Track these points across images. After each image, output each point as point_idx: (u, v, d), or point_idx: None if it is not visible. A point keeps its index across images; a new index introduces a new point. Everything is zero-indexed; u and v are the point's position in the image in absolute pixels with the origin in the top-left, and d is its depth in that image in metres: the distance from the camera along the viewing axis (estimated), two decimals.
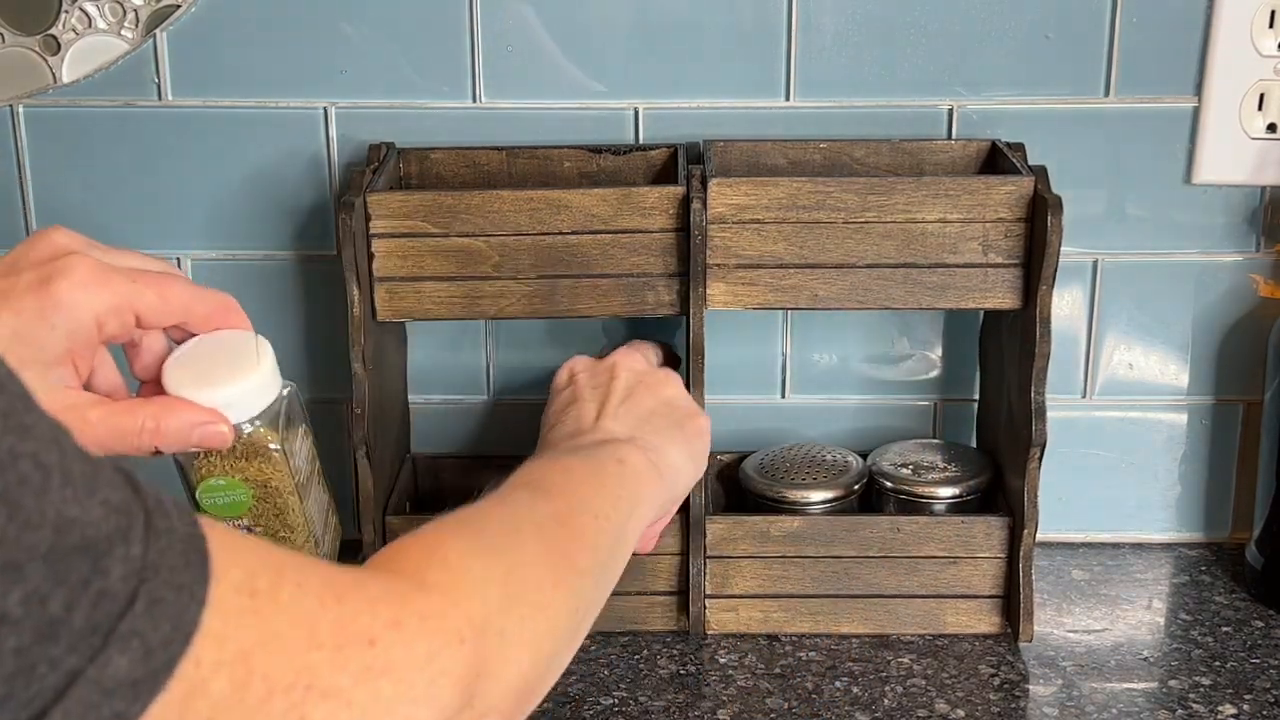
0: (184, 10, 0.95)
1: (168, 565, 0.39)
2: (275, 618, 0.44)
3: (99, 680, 0.37)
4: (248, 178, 0.98)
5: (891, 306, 0.89)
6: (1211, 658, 0.91)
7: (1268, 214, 0.98)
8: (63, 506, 0.36)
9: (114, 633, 0.37)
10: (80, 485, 0.37)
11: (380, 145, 0.95)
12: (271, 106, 0.97)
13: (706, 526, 0.92)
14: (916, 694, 0.87)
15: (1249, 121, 0.96)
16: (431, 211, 0.87)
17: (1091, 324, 1.01)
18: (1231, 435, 1.03)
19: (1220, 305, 1.00)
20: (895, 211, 0.87)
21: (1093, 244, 0.99)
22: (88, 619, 0.36)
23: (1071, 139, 0.97)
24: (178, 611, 0.39)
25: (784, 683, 0.89)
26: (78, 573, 0.36)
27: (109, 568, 0.37)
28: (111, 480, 0.39)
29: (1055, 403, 0.98)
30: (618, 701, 0.87)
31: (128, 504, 0.39)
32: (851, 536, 0.92)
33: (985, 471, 0.96)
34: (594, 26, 0.96)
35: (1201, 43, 0.95)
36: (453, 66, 0.96)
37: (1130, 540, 1.05)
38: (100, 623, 0.37)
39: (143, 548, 0.38)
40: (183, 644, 0.40)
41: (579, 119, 0.97)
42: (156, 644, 0.39)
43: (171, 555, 0.40)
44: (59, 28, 0.95)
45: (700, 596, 0.93)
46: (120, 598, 0.37)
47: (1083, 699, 0.87)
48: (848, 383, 1.03)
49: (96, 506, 0.37)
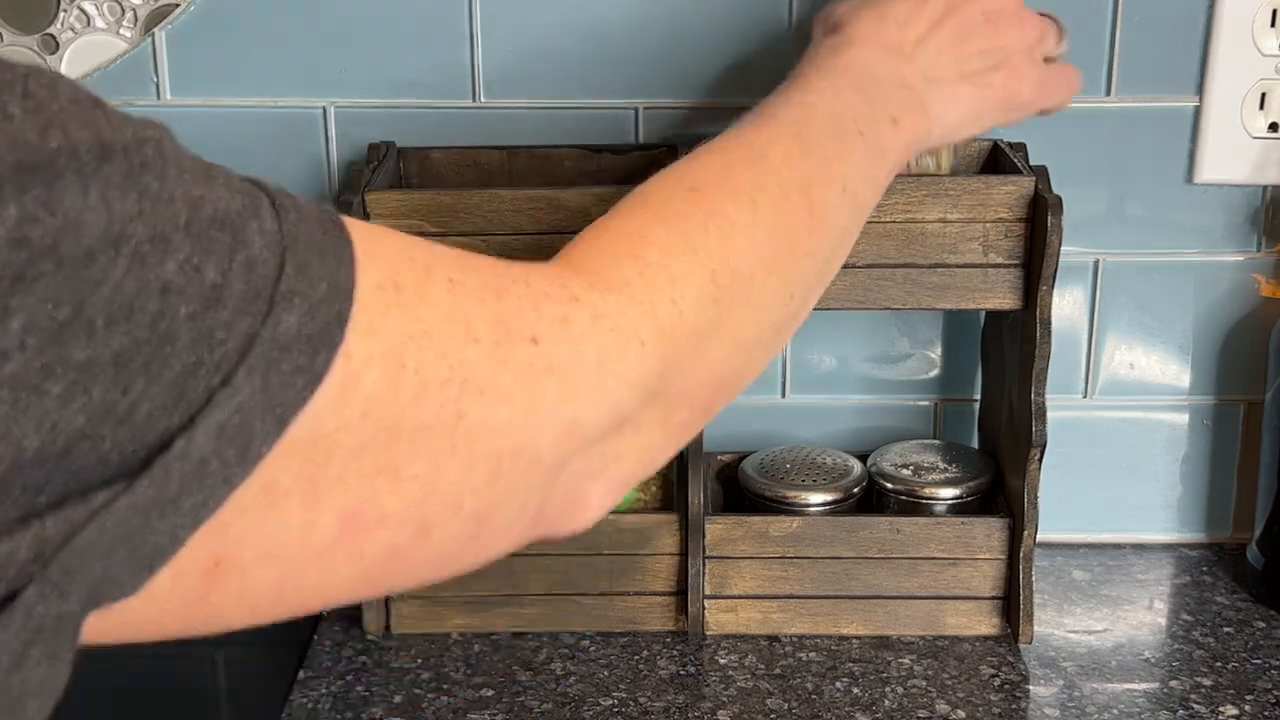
0: (183, 9, 0.95)
1: (305, 235, 0.40)
2: (425, 313, 0.43)
3: (274, 338, 0.38)
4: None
5: (891, 306, 0.89)
6: (1213, 658, 0.91)
7: (1269, 213, 0.98)
8: (186, 187, 0.36)
9: (275, 295, 0.38)
10: (195, 174, 0.37)
11: (380, 145, 0.95)
12: (271, 106, 0.97)
13: (706, 527, 0.91)
14: (917, 695, 0.87)
15: (1250, 121, 0.96)
16: (431, 211, 0.86)
17: (1092, 324, 1.01)
18: (1233, 435, 1.03)
19: (1221, 305, 1.00)
20: (895, 211, 0.86)
21: (1093, 244, 0.99)
22: (246, 284, 0.37)
23: (1072, 139, 0.96)
24: (330, 272, 0.40)
25: (784, 683, 0.89)
26: (220, 242, 0.37)
27: (249, 239, 0.38)
28: (225, 171, 0.39)
29: (1056, 403, 0.98)
30: (617, 702, 0.87)
31: (248, 188, 0.39)
32: (851, 537, 0.92)
33: (986, 472, 0.96)
34: (594, 26, 0.95)
35: (1203, 42, 0.95)
36: (453, 66, 0.96)
37: (1131, 541, 1.05)
38: (260, 287, 0.37)
39: (276, 222, 0.39)
40: (346, 300, 0.40)
41: (579, 119, 0.97)
42: (318, 300, 0.39)
43: (307, 227, 0.40)
44: (58, 26, 0.95)
45: (700, 597, 0.92)
46: (270, 264, 0.38)
47: (1084, 700, 0.87)
48: (848, 383, 1.03)
49: (220, 188, 0.38)
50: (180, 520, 0.37)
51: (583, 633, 0.94)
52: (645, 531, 0.92)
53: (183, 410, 0.36)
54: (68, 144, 0.34)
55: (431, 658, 0.92)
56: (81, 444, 0.34)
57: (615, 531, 0.92)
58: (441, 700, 0.88)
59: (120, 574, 0.37)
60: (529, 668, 0.91)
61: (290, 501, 0.40)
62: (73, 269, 0.33)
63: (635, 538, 0.92)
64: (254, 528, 0.40)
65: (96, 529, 0.35)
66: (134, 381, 0.35)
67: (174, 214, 0.36)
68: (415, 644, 0.93)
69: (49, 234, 0.33)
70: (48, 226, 0.33)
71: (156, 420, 0.36)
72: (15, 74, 0.34)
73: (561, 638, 0.94)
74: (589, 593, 0.93)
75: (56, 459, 0.34)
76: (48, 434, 0.34)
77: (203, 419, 0.37)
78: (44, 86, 0.34)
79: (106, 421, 0.35)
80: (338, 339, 0.40)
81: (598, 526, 0.91)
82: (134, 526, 0.36)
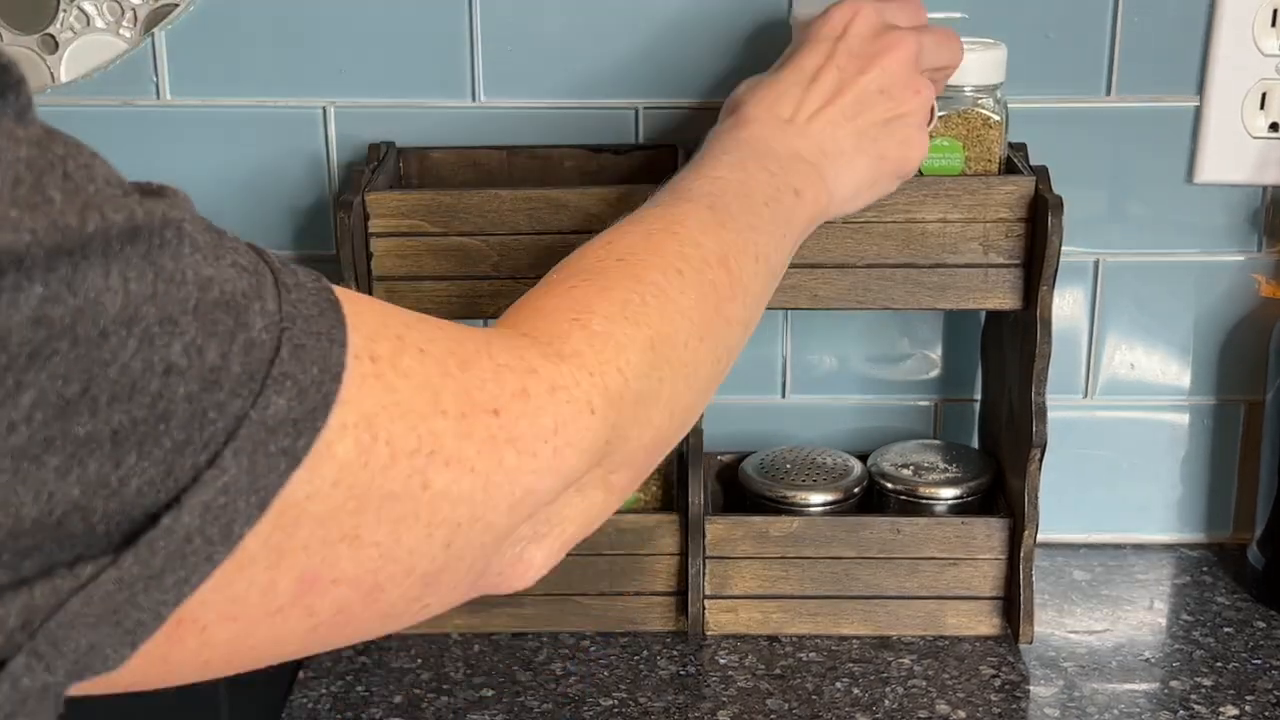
0: (182, 9, 0.95)
1: (303, 316, 0.41)
2: (398, 383, 0.45)
3: (263, 420, 0.39)
4: (247, 177, 0.98)
5: (892, 307, 0.88)
6: (1213, 658, 0.91)
7: (1269, 213, 0.98)
8: (198, 267, 0.38)
9: (269, 377, 0.39)
10: (207, 250, 0.38)
11: (380, 145, 0.95)
12: (271, 106, 0.97)
13: (706, 527, 0.91)
14: (917, 695, 0.87)
15: (1251, 121, 0.96)
16: (430, 211, 0.86)
17: (1093, 324, 1.01)
18: (1233, 435, 1.03)
19: (1222, 305, 1.00)
20: (895, 211, 0.86)
21: (1094, 244, 0.99)
22: (243, 366, 0.38)
23: (1072, 139, 0.96)
24: (321, 355, 0.41)
25: (784, 684, 0.89)
26: (224, 325, 0.38)
27: (250, 320, 0.39)
28: (235, 246, 0.41)
29: (1056, 403, 0.98)
30: (617, 703, 0.87)
31: (255, 265, 0.41)
32: (851, 537, 0.92)
33: (986, 472, 0.96)
34: (594, 26, 0.95)
35: (1203, 42, 0.95)
36: (453, 66, 0.96)
37: (1131, 541, 1.05)
38: (255, 369, 0.39)
39: (276, 302, 0.40)
40: (333, 382, 0.41)
41: (579, 119, 0.97)
42: (308, 384, 0.40)
43: (305, 306, 0.41)
44: (57, 26, 0.95)
45: (700, 597, 0.92)
46: (267, 346, 0.39)
47: (1084, 700, 0.87)
48: (848, 383, 1.03)
49: (228, 268, 0.39)
50: (163, 597, 0.38)
51: (583, 633, 0.94)
52: (645, 531, 0.92)
53: (170, 486, 0.37)
54: (103, 226, 0.35)
55: (431, 658, 0.92)
56: (74, 515, 0.35)
57: (615, 531, 0.92)
58: (441, 700, 0.88)
59: (105, 648, 0.38)
60: (529, 668, 0.91)
61: (256, 566, 0.41)
62: (86, 348, 0.34)
63: (635, 538, 0.92)
64: (219, 590, 0.40)
65: (82, 601, 0.37)
66: (127, 457, 0.36)
67: (185, 296, 0.37)
68: (415, 644, 0.93)
69: (69, 313, 0.34)
70: (68, 306, 0.34)
71: (145, 495, 0.37)
72: (55, 156, 0.35)
73: (561, 638, 0.94)
74: (589, 593, 0.93)
75: (50, 529, 0.35)
76: (44, 504, 0.35)
77: (189, 498, 0.38)
78: (82, 168, 0.35)
79: (99, 494, 0.36)
80: (322, 423, 0.41)
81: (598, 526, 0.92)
82: (119, 601, 0.37)
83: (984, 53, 0.86)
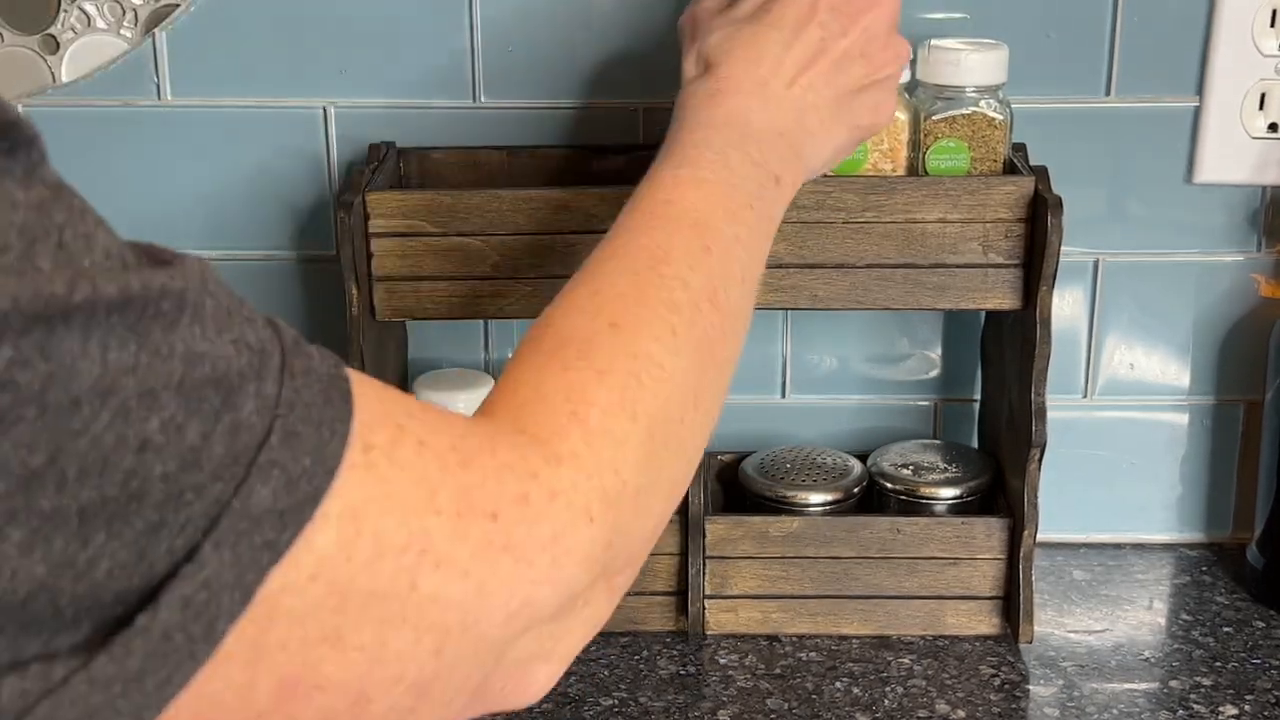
0: (183, 9, 0.95)
1: (303, 402, 0.39)
2: (391, 475, 0.42)
3: (245, 510, 0.37)
4: (248, 177, 0.98)
5: (891, 307, 0.89)
6: (1213, 658, 0.91)
7: (1269, 214, 0.98)
8: (191, 342, 0.36)
9: (254, 463, 0.37)
10: (210, 323, 0.36)
11: (380, 145, 0.95)
12: (271, 106, 0.97)
13: (706, 527, 0.91)
14: (917, 695, 0.87)
15: (1250, 121, 0.96)
16: (431, 211, 0.86)
17: (1092, 324, 1.01)
18: (1233, 435, 1.03)
19: (1221, 305, 1.00)
20: (895, 211, 0.86)
21: (1093, 244, 0.99)
22: (227, 449, 0.36)
23: (1072, 139, 0.96)
24: (317, 446, 0.39)
25: (784, 683, 0.89)
26: (209, 404, 0.36)
27: (240, 403, 0.37)
28: (248, 319, 0.38)
29: (1056, 403, 0.98)
30: (618, 702, 0.87)
31: (263, 343, 0.38)
32: (851, 537, 0.92)
33: (986, 472, 0.96)
34: (594, 26, 0.95)
35: (1202, 42, 0.95)
36: (453, 67, 0.96)
37: (1131, 541, 1.05)
38: (240, 454, 0.37)
39: (277, 386, 0.38)
40: (326, 477, 0.39)
41: (579, 119, 0.97)
42: (298, 475, 0.38)
43: (309, 393, 0.39)
44: (58, 27, 0.95)
45: (700, 597, 0.92)
46: (256, 430, 0.37)
47: (1084, 700, 0.87)
48: (848, 383, 1.03)
49: (227, 345, 0.37)
50: (144, 700, 0.36)
51: None
52: None
53: (143, 571, 0.35)
54: (92, 297, 0.33)
55: None
56: (40, 596, 0.34)
57: None
58: None
59: None
60: None
61: (232, 663, 0.39)
62: (55, 417, 0.33)
63: None
64: (193, 688, 0.38)
65: (52, 705, 0.35)
66: (95, 535, 0.34)
67: (169, 371, 0.35)
68: None
69: (38, 379, 0.32)
70: (38, 372, 0.32)
71: (115, 579, 0.35)
72: (52, 223, 0.33)
73: None
74: None
75: (14, 609, 0.33)
76: (7, 580, 0.33)
77: (167, 593, 0.36)
78: (81, 237, 0.34)
79: (65, 574, 0.34)
80: (308, 516, 0.39)
81: None
82: (95, 705, 0.35)
83: (986, 53, 0.86)
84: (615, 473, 0.51)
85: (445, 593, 0.44)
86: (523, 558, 0.46)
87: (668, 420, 0.55)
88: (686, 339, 0.58)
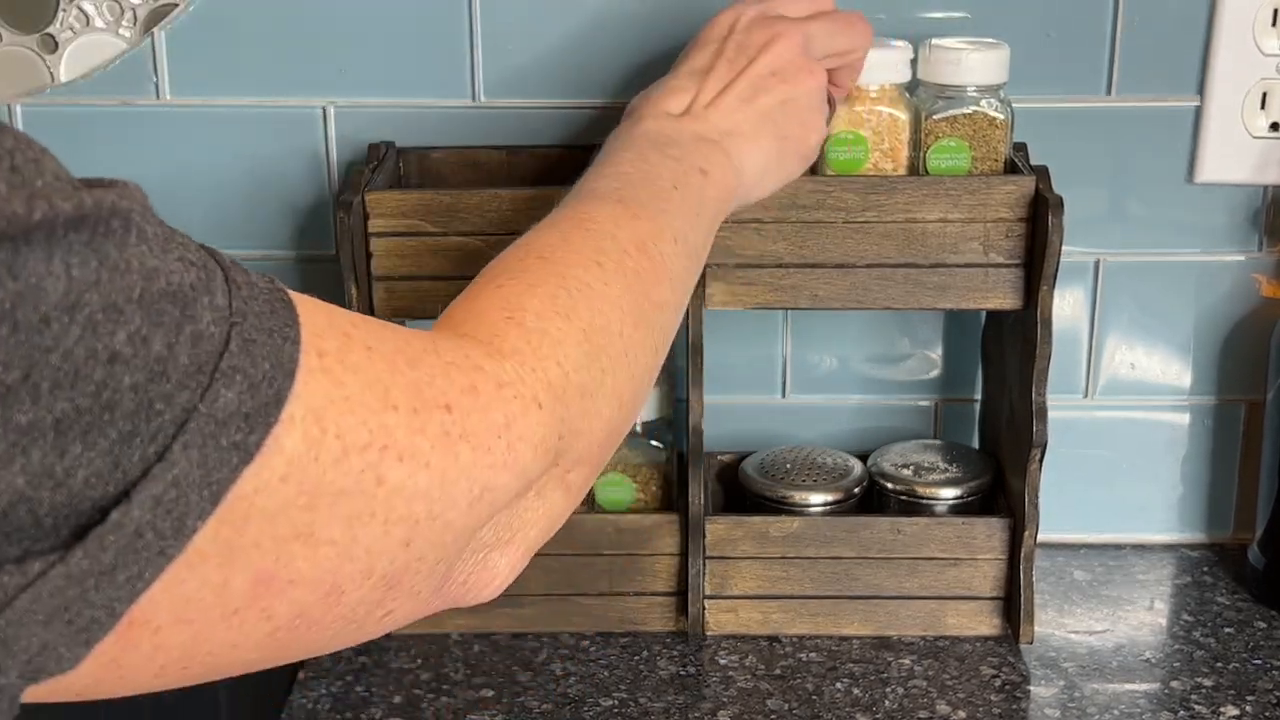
0: (182, 9, 0.95)
1: (254, 312, 0.41)
2: (346, 378, 0.44)
3: (212, 413, 0.39)
4: (247, 177, 0.98)
5: (892, 306, 0.88)
6: (1214, 659, 0.91)
7: (1270, 213, 0.98)
8: (143, 258, 0.37)
9: (218, 370, 0.39)
10: (154, 242, 0.38)
11: (380, 145, 0.95)
12: (271, 106, 0.97)
13: (706, 527, 0.91)
14: (917, 695, 0.87)
15: (1251, 120, 0.96)
16: (430, 210, 0.86)
17: (1093, 324, 1.01)
18: (1234, 435, 1.03)
19: (1222, 305, 1.00)
20: (895, 211, 0.86)
21: (1094, 244, 0.99)
22: (191, 358, 0.38)
23: (1072, 139, 0.96)
24: (274, 350, 0.41)
25: (784, 684, 0.89)
26: (170, 316, 0.38)
27: (198, 314, 0.39)
28: (185, 242, 0.40)
29: (1056, 403, 0.98)
30: (618, 703, 0.87)
31: (204, 261, 0.40)
32: (852, 537, 0.92)
33: (986, 472, 0.96)
34: (595, 26, 0.95)
35: (1203, 42, 0.95)
36: (453, 66, 0.96)
37: (1132, 541, 1.05)
38: (203, 362, 0.38)
39: (227, 298, 0.40)
40: (287, 378, 0.41)
41: (579, 119, 0.97)
42: (259, 379, 0.40)
43: (256, 304, 0.41)
44: (57, 26, 0.95)
45: (700, 597, 0.92)
46: (216, 339, 0.39)
47: (1084, 700, 0.87)
48: (848, 383, 1.03)
49: (174, 261, 0.39)
50: (116, 593, 0.38)
51: (583, 633, 0.94)
52: (645, 531, 0.92)
53: (118, 479, 0.37)
54: (50, 215, 0.34)
55: (431, 658, 0.92)
56: (20, 506, 0.35)
57: (615, 531, 0.92)
58: (441, 701, 0.87)
59: (58, 647, 0.38)
60: (529, 668, 0.91)
61: (208, 564, 0.41)
62: (27, 333, 0.34)
63: (635, 538, 0.92)
64: (171, 590, 0.40)
65: (31, 598, 0.36)
66: (72, 446, 0.36)
67: (129, 285, 0.36)
68: (415, 644, 0.93)
69: (8, 298, 0.33)
70: (8, 290, 0.33)
71: (92, 487, 0.36)
72: (4, 148, 0.34)
73: (561, 638, 0.94)
74: (589, 593, 0.93)
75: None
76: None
77: (139, 492, 0.37)
78: (30, 161, 0.35)
79: (44, 485, 0.35)
80: (274, 417, 0.41)
81: (598, 526, 0.92)
82: (70, 598, 0.37)
83: (987, 52, 0.86)
84: (557, 364, 0.55)
85: (410, 484, 0.46)
86: (479, 445, 0.49)
87: (605, 330, 0.59)
88: (615, 271, 0.61)
